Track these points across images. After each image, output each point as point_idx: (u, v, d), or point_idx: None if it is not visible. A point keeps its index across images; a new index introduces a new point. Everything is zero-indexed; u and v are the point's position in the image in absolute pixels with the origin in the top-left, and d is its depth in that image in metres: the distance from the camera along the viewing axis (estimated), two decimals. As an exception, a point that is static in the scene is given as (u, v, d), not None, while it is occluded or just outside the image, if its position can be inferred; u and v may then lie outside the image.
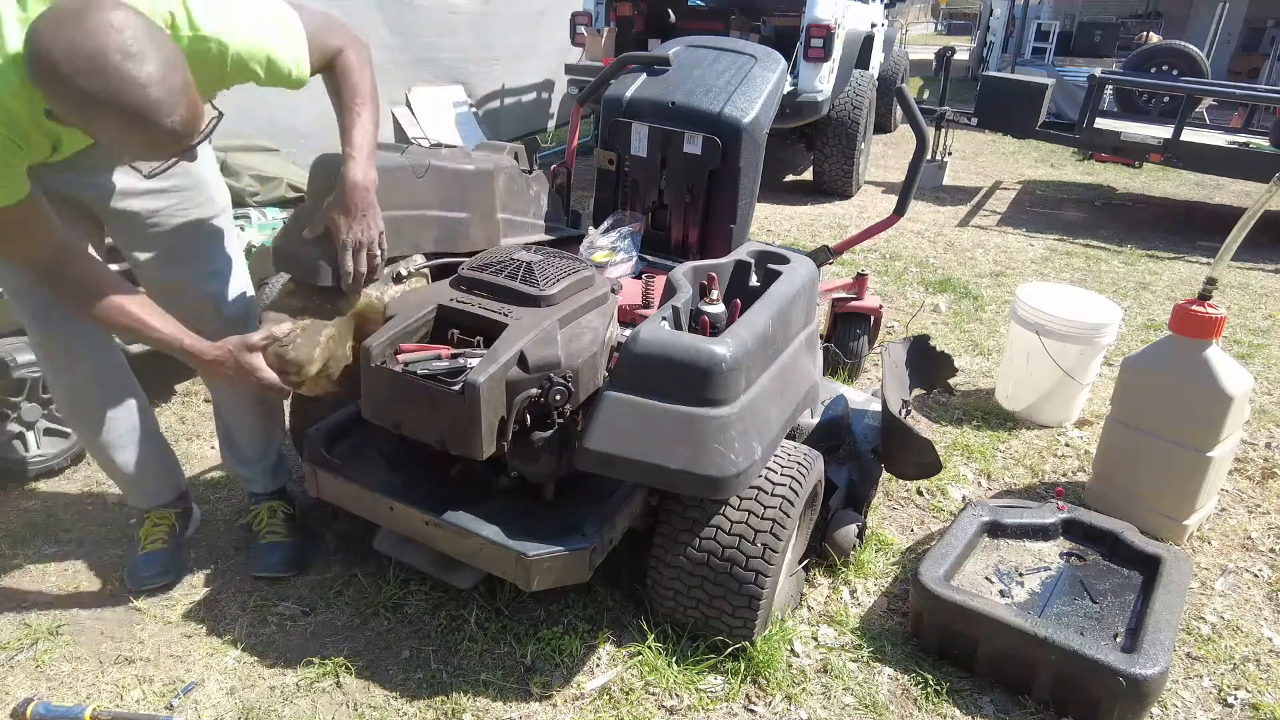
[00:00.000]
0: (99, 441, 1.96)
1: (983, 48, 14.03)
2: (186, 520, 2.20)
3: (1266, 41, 12.09)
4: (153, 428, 2.06)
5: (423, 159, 1.96)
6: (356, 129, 1.70)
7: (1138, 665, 1.69)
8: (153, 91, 1.27)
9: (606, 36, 5.94)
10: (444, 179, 1.99)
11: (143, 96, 1.27)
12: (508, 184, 2.17)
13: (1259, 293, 4.64)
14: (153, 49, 1.27)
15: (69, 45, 1.23)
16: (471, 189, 2.05)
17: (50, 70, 1.25)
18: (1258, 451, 2.93)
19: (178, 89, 1.31)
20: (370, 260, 1.75)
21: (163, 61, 1.28)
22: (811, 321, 2.15)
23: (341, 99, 1.72)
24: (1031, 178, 7.33)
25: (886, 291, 4.31)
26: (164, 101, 1.29)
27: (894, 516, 2.48)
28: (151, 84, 1.27)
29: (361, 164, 1.70)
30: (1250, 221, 2.20)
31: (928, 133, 2.61)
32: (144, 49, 1.26)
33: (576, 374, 1.68)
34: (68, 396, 1.93)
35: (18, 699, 1.71)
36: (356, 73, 1.71)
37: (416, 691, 1.78)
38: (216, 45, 1.46)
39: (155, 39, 1.29)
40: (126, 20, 1.26)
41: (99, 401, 1.92)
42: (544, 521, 1.79)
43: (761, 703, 1.79)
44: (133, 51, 1.25)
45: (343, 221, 1.70)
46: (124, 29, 1.25)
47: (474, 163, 2.08)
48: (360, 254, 1.73)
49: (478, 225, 2.08)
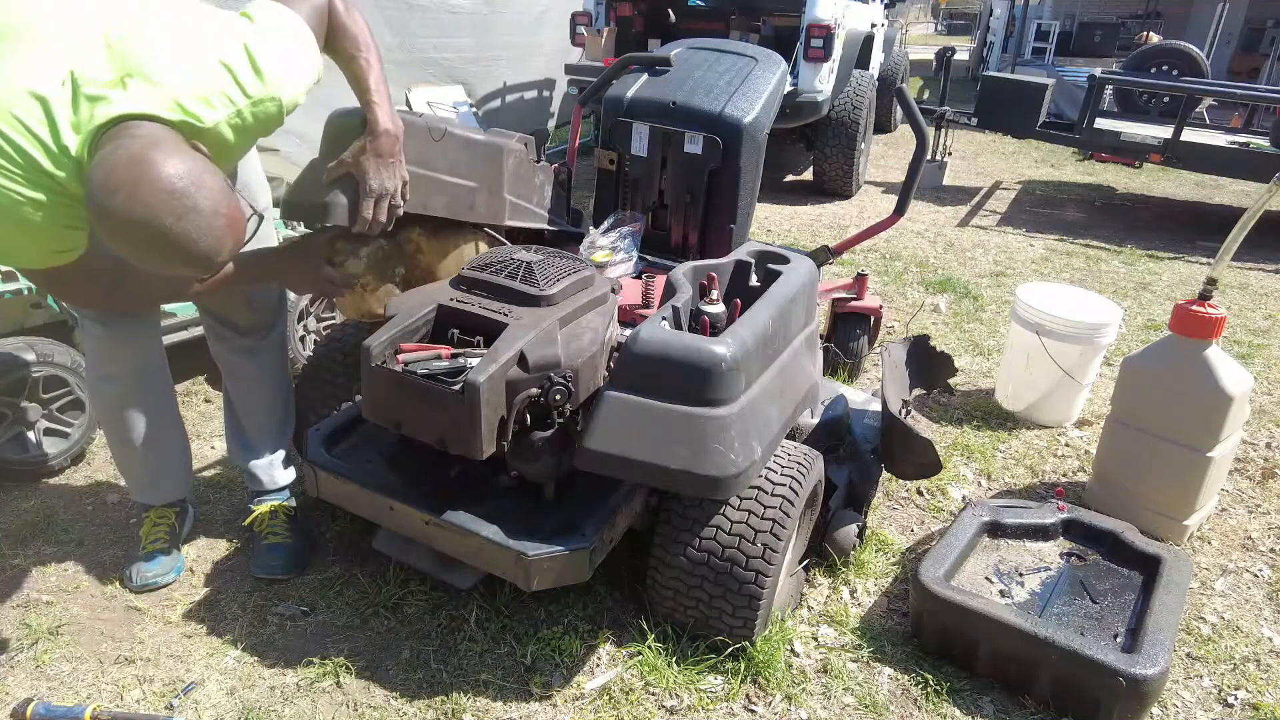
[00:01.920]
0: (128, 439, 2.00)
1: (983, 48, 14.03)
2: (184, 519, 2.20)
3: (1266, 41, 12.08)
4: (181, 430, 2.11)
5: (439, 124, 1.95)
6: (370, 75, 1.69)
7: (1138, 665, 1.69)
8: (202, 244, 1.32)
9: (606, 36, 5.95)
10: (456, 145, 1.96)
11: (196, 250, 1.32)
12: (516, 167, 2.16)
13: (1259, 293, 4.64)
14: (201, 198, 1.30)
15: (127, 212, 1.26)
16: (481, 160, 2.03)
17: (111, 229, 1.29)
18: (1258, 451, 2.93)
19: (224, 229, 1.34)
20: (391, 210, 1.75)
21: (211, 209, 1.31)
22: (811, 321, 2.15)
23: (345, 50, 1.69)
24: (1031, 178, 7.33)
25: (886, 291, 4.31)
26: (213, 248, 1.34)
27: (894, 516, 2.48)
28: (202, 238, 1.31)
29: (387, 109, 1.70)
30: (1250, 221, 2.20)
31: (928, 133, 2.61)
32: (194, 203, 1.29)
33: (576, 374, 1.68)
34: (110, 401, 1.97)
35: (18, 699, 1.71)
36: (352, 21, 1.68)
37: (416, 691, 1.78)
38: (272, 102, 1.48)
39: (203, 183, 1.31)
40: (177, 176, 1.28)
41: (138, 402, 1.98)
42: (544, 521, 1.79)
43: (761, 703, 1.79)
44: (184, 209, 1.28)
45: (370, 166, 1.69)
46: (174, 187, 1.27)
47: (485, 136, 2.08)
48: (383, 202, 1.72)
49: (484, 198, 2.06)
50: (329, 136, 1.79)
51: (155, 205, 1.26)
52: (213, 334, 2.11)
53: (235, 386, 2.16)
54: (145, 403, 2.00)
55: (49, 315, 2.48)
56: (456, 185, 2.00)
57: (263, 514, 2.17)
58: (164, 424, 2.05)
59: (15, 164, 1.32)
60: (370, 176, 1.70)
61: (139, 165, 1.26)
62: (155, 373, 2.01)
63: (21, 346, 2.35)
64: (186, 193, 1.28)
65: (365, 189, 1.70)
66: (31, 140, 1.32)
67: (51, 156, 1.33)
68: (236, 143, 1.48)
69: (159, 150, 1.29)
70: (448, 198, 1.98)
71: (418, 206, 1.90)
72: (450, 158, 1.97)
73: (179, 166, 1.29)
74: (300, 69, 1.53)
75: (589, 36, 6.01)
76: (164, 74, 1.37)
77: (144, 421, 2.00)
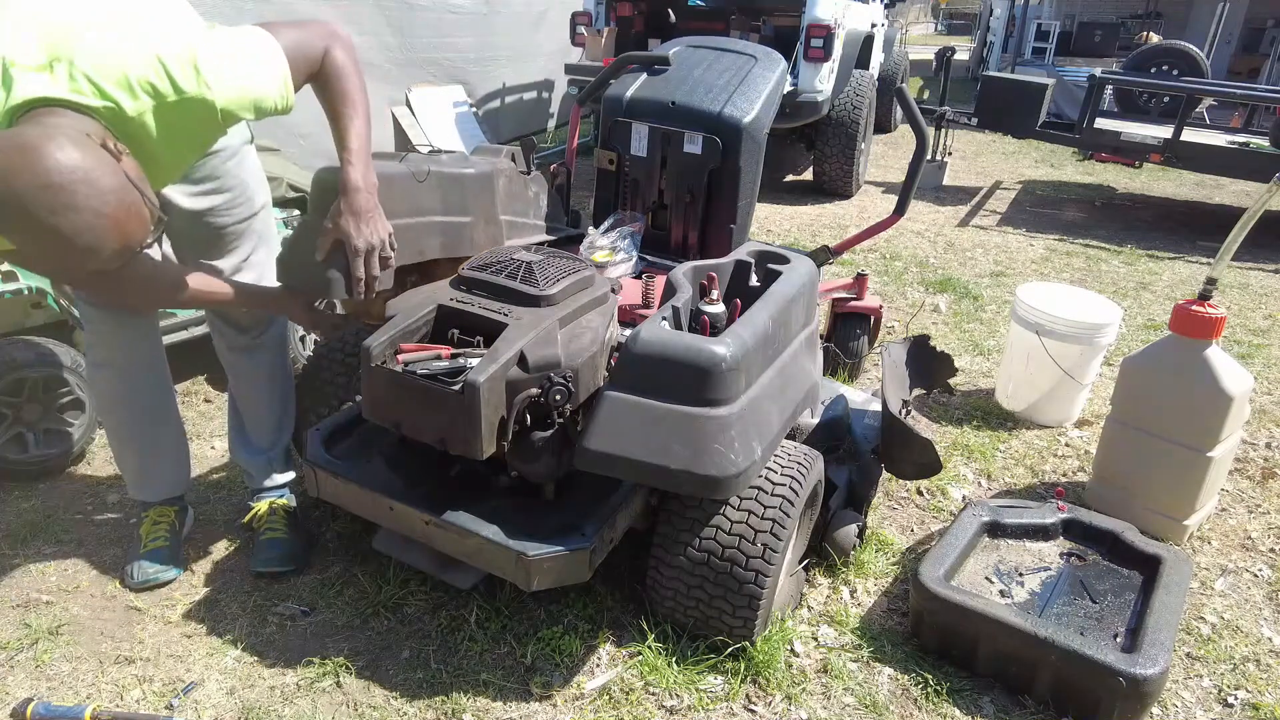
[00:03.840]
0: (125, 428, 2.03)
1: (983, 48, 14.03)
2: (183, 518, 2.21)
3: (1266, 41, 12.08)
4: (179, 424, 2.13)
5: (422, 165, 1.96)
6: (350, 133, 1.70)
7: (1138, 665, 1.69)
8: (77, 242, 1.29)
9: (606, 36, 5.95)
10: (445, 184, 1.98)
11: (67, 247, 1.29)
12: (507, 186, 2.17)
13: (1259, 293, 4.64)
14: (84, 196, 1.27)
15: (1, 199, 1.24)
16: (473, 192, 2.05)
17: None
18: (1258, 451, 2.93)
19: (104, 229, 1.31)
20: (383, 263, 1.76)
21: (92, 209, 1.28)
22: (811, 321, 2.15)
23: (331, 104, 1.71)
24: (1031, 178, 7.33)
25: (886, 291, 4.31)
26: (90, 248, 1.31)
27: (894, 516, 2.48)
28: (77, 236, 1.28)
29: (359, 168, 1.70)
30: (1250, 221, 2.20)
31: (928, 133, 2.61)
32: (70, 201, 1.26)
33: (576, 374, 1.68)
34: (106, 388, 1.99)
35: (18, 699, 1.71)
36: (344, 76, 1.69)
37: (416, 691, 1.78)
38: (202, 104, 1.47)
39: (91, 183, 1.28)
40: (58, 170, 1.25)
41: (135, 390, 2.00)
42: (544, 521, 1.79)
43: (761, 703, 1.79)
44: (60, 204, 1.25)
45: (350, 226, 1.70)
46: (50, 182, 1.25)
47: (473, 166, 2.08)
48: (372, 257, 1.74)
49: (481, 228, 2.09)
50: (316, 194, 1.81)
51: (27, 197, 1.25)
52: (215, 330, 2.13)
53: (236, 383, 2.19)
54: (142, 392, 2.01)
55: (49, 315, 2.48)
56: (451, 224, 2.01)
57: (261, 511, 2.18)
58: (160, 415, 2.07)
59: None
60: (354, 236, 1.70)
61: (24, 154, 1.25)
62: (152, 362, 2.02)
63: (21, 346, 2.34)
64: (65, 188, 1.26)
65: (352, 250, 1.71)
66: None
67: None
68: (162, 140, 1.47)
69: (53, 142, 1.27)
70: (443, 238, 2.00)
71: (414, 255, 1.91)
72: (440, 197, 1.98)
73: (67, 161, 1.26)
74: (249, 83, 1.52)
75: (589, 36, 6.01)
76: (89, 57, 1.36)
77: (140, 411, 2.02)
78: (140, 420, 2.03)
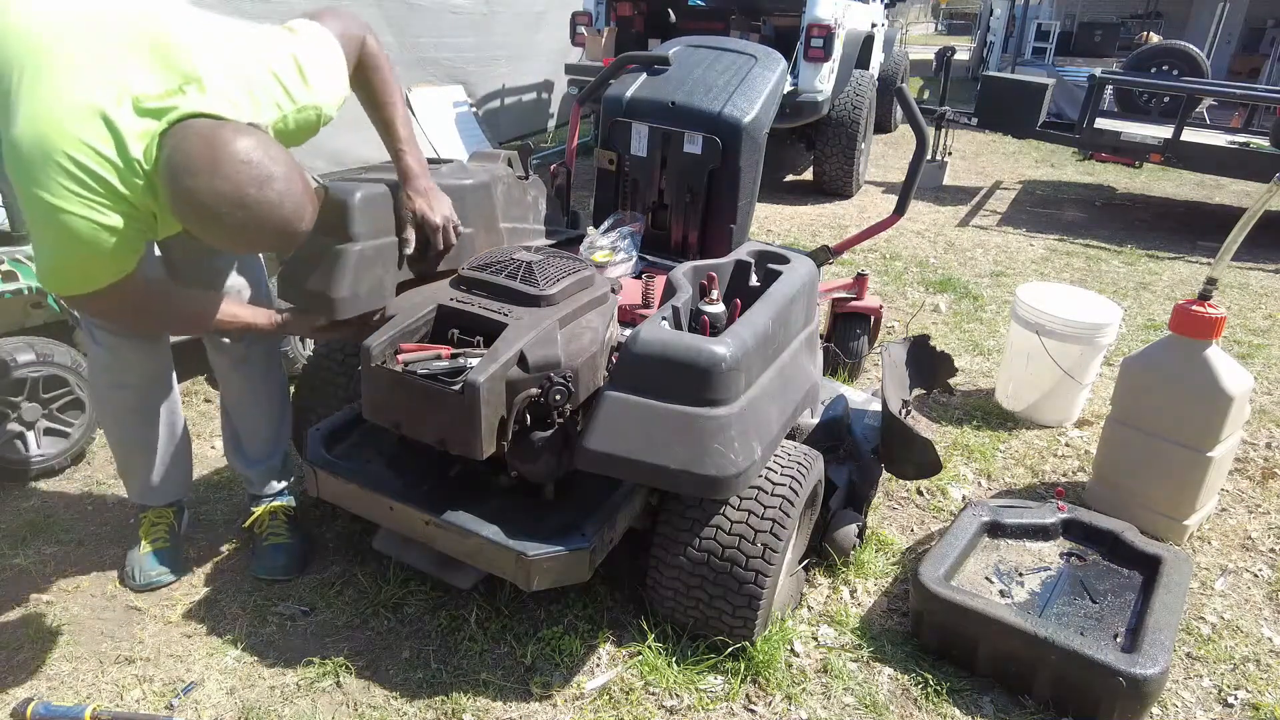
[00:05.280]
0: (136, 445, 2.01)
1: (983, 48, 14.03)
2: (181, 519, 2.20)
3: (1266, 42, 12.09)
4: (184, 434, 2.11)
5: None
6: (397, 122, 1.80)
7: (1138, 665, 1.69)
8: (287, 207, 1.37)
9: (606, 36, 5.94)
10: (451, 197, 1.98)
11: (281, 216, 1.36)
12: (506, 193, 2.17)
13: (1259, 293, 4.64)
14: (275, 165, 1.35)
15: (211, 191, 1.30)
16: (473, 203, 2.05)
17: (198, 213, 1.33)
18: (1258, 451, 2.93)
19: (301, 192, 1.39)
20: (456, 232, 1.90)
21: (286, 175, 1.36)
22: (811, 321, 2.15)
23: (373, 95, 1.77)
24: (1031, 178, 7.33)
25: (886, 291, 4.31)
26: (296, 210, 1.39)
27: (894, 516, 2.48)
28: (285, 201, 1.36)
29: (414, 153, 1.82)
30: (1250, 221, 2.20)
31: (928, 133, 2.61)
32: (270, 170, 1.34)
33: (576, 374, 1.68)
34: (119, 408, 1.97)
35: (18, 699, 1.71)
36: (382, 66, 1.76)
37: (416, 691, 1.78)
38: (314, 111, 1.55)
39: (273, 154, 1.36)
40: (250, 148, 1.33)
41: (150, 408, 1.99)
42: (544, 521, 1.79)
43: (761, 703, 1.79)
44: (263, 176, 1.33)
45: (424, 207, 1.83)
46: (250, 158, 1.32)
47: (471, 176, 2.07)
48: (449, 230, 1.87)
49: (481, 237, 2.09)
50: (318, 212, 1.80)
51: (237, 177, 1.31)
52: (207, 340, 2.10)
53: (228, 393, 2.16)
54: (155, 409, 2.00)
55: (49, 315, 2.48)
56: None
57: (262, 515, 2.17)
58: (171, 429, 2.05)
59: (93, 191, 1.34)
60: (431, 214, 1.83)
61: (213, 146, 1.32)
62: (165, 379, 2.01)
63: (21, 346, 2.34)
64: (262, 162, 1.33)
65: (431, 227, 1.84)
66: (101, 162, 1.34)
67: (121, 174, 1.35)
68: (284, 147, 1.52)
69: (226, 129, 1.34)
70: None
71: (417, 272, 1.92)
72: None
73: (249, 140, 1.34)
74: (338, 81, 1.60)
75: (589, 36, 6.01)
76: (218, 79, 1.41)
77: (153, 428, 2.01)
78: (153, 436, 2.01)
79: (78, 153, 1.32)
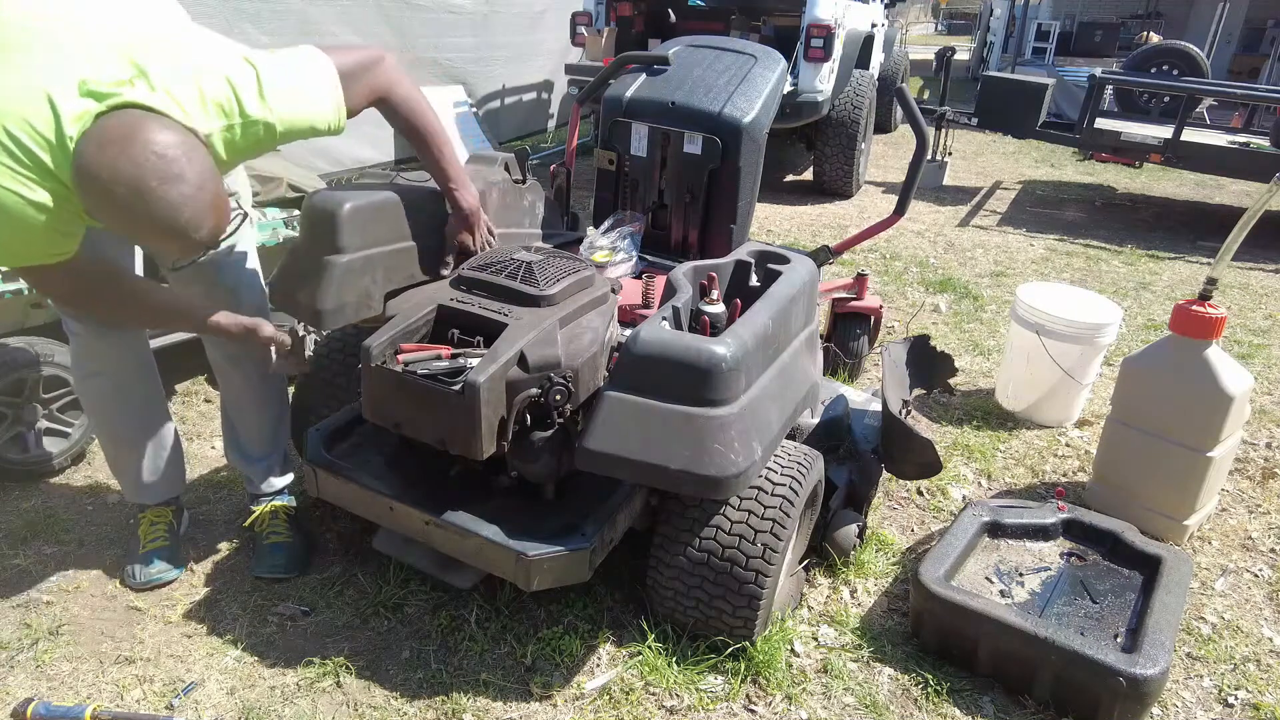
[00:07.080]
0: (119, 435, 2.02)
1: (983, 48, 14.03)
2: (180, 518, 2.21)
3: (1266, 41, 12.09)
4: (170, 427, 2.11)
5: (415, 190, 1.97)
6: (445, 162, 1.87)
7: (1138, 665, 1.69)
8: (185, 212, 1.35)
9: (606, 36, 5.94)
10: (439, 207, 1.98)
11: (174, 218, 1.35)
12: (501, 199, 2.17)
13: (1259, 293, 4.64)
14: (190, 170, 1.35)
15: (111, 166, 1.30)
16: None
17: (91, 182, 1.32)
18: (1258, 451, 2.93)
19: (207, 206, 1.38)
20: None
21: (197, 183, 1.36)
22: (811, 321, 2.15)
23: (418, 140, 1.84)
24: (1031, 178, 7.33)
25: (886, 291, 4.31)
26: (194, 219, 1.37)
27: (894, 516, 2.48)
28: (185, 206, 1.35)
29: (465, 191, 1.92)
30: (1250, 221, 2.20)
31: (928, 133, 2.61)
32: (182, 172, 1.34)
33: (576, 374, 1.68)
34: (98, 396, 1.98)
35: (18, 699, 1.71)
36: (420, 111, 1.81)
37: (416, 691, 1.78)
38: (264, 127, 1.54)
39: (194, 159, 1.36)
40: (170, 144, 1.33)
41: (127, 397, 1.99)
42: (544, 521, 1.79)
43: (761, 703, 1.79)
44: (172, 174, 1.33)
45: (469, 241, 1.98)
46: (166, 153, 1.32)
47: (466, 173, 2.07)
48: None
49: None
50: (306, 224, 1.82)
51: (144, 164, 1.31)
52: (205, 339, 2.10)
53: (227, 389, 2.16)
54: (133, 398, 2.00)
55: (49, 315, 2.48)
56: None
57: (263, 515, 2.17)
58: (153, 420, 2.06)
59: (23, 165, 1.36)
60: (474, 244, 1.99)
61: (132, 130, 1.33)
62: (141, 369, 2.01)
63: (21, 346, 2.34)
64: (176, 160, 1.33)
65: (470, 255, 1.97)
66: (35, 138, 1.35)
67: (52, 152, 1.36)
68: (226, 158, 1.53)
69: (155, 122, 1.34)
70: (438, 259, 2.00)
71: (407, 279, 1.93)
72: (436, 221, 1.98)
73: (171, 138, 1.34)
74: (308, 106, 1.59)
75: (589, 36, 6.01)
76: (167, 77, 1.41)
77: (133, 417, 2.02)
78: (134, 426, 2.03)
79: (14, 127, 1.33)
